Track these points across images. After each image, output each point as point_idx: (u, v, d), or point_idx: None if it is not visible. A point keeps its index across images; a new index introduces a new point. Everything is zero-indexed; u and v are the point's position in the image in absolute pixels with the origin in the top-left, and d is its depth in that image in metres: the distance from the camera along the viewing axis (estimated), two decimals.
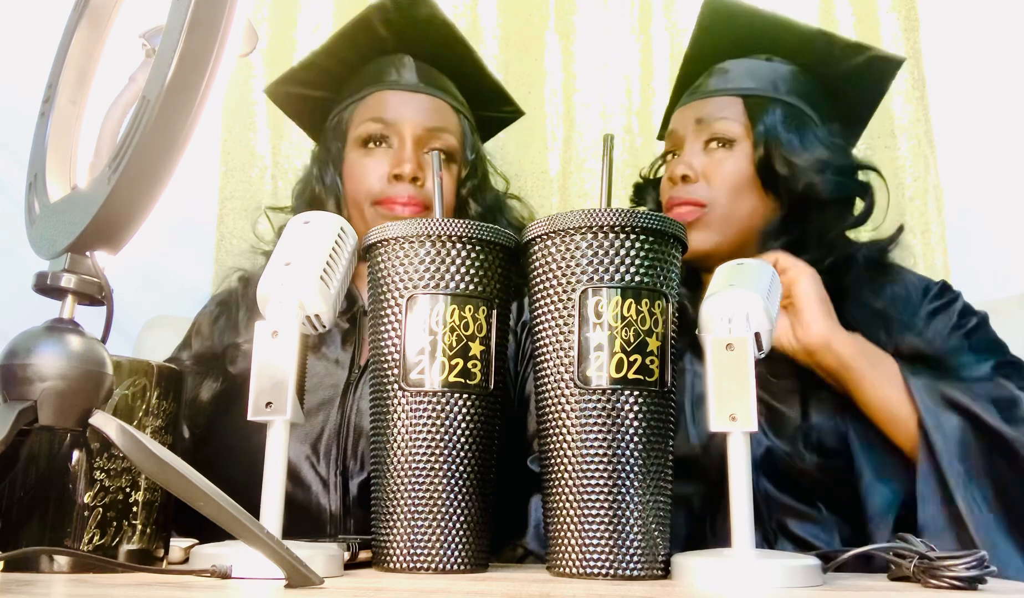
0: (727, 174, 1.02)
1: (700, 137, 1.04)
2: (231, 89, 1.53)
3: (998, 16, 1.44)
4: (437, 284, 0.67)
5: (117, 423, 0.53)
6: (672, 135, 1.08)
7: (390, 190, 1.05)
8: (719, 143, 1.03)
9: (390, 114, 1.08)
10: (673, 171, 1.04)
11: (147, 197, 0.52)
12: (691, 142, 1.04)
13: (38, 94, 0.65)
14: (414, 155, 1.06)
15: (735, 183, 1.02)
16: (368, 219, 1.06)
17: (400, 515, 0.66)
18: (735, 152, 1.03)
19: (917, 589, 0.59)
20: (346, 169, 1.10)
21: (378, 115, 1.09)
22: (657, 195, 1.11)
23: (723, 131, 1.03)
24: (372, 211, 1.06)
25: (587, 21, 1.57)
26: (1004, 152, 1.40)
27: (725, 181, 1.01)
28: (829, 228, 1.03)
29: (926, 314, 0.96)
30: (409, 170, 1.05)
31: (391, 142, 1.08)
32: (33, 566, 0.60)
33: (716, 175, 1.02)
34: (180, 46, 0.50)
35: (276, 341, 0.64)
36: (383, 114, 1.09)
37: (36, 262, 0.57)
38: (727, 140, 1.03)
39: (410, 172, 1.05)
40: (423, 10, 1.11)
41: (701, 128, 1.04)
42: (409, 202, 1.05)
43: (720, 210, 1.01)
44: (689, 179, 1.02)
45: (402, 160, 1.06)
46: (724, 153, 1.03)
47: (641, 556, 0.63)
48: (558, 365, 0.66)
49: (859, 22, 1.48)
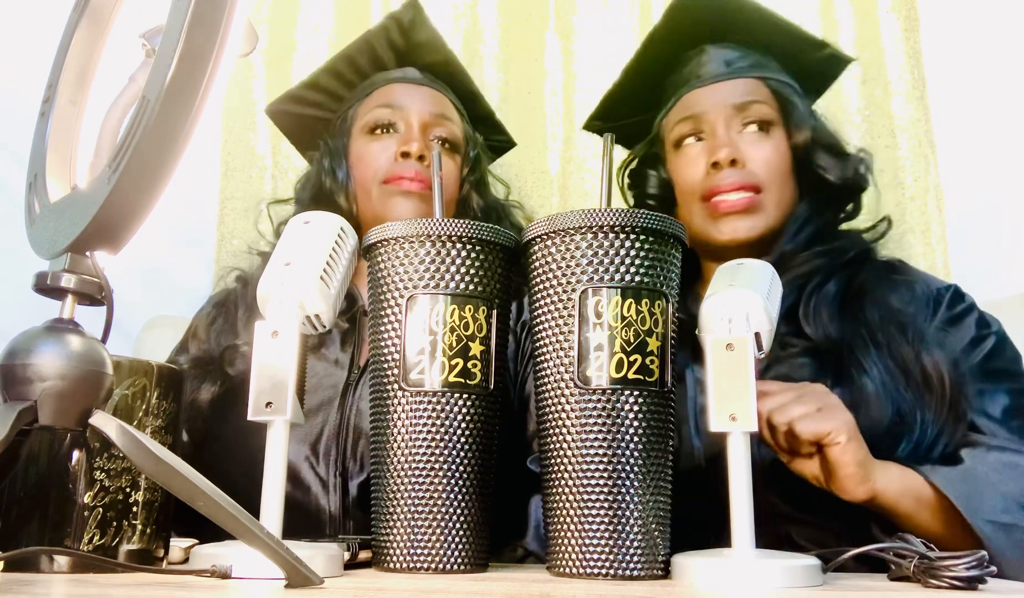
0: (774, 158, 1.00)
1: (737, 120, 1.01)
2: (231, 89, 1.53)
3: (998, 16, 1.44)
4: (437, 284, 0.67)
5: (117, 423, 0.53)
6: (694, 119, 1.03)
7: (397, 167, 1.06)
8: (759, 126, 1.01)
9: (397, 101, 1.11)
10: (717, 155, 0.98)
11: (147, 197, 0.52)
12: (727, 126, 1.00)
13: (38, 94, 0.65)
14: (421, 137, 1.09)
15: (781, 167, 1.00)
16: (375, 199, 1.07)
17: (400, 515, 0.66)
18: (773, 137, 1.01)
19: (917, 589, 0.59)
20: (353, 158, 1.11)
21: (386, 102, 1.11)
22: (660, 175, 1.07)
23: (763, 114, 1.01)
24: (380, 190, 1.07)
25: (587, 21, 1.57)
26: (1004, 152, 1.40)
27: (772, 165, 0.99)
28: (838, 218, 1.03)
29: (941, 323, 0.93)
30: (416, 148, 1.06)
31: (398, 127, 1.10)
32: (33, 566, 0.60)
33: (761, 160, 0.99)
34: (180, 46, 0.50)
35: (276, 341, 0.64)
36: (390, 100, 1.11)
37: (36, 262, 0.57)
38: (766, 123, 1.01)
39: (417, 150, 1.06)
40: (423, 33, 1.15)
41: (739, 111, 1.01)
42: (416, 177, 1.05)
43: (773, 195, 0.99)
44: (738, 163, 0.98)
45: (410, 139, 1.07)
46: (763, 137, 1.01)
47: (641, 556, 0.63)
48: (558, 365, 0.66)
49: (859, 22, 1.48)
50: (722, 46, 1.05)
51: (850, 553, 0.67)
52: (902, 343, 0.90)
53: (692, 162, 1.02)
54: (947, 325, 0.93)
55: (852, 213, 1.06)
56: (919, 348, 0.89)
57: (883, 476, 0.79)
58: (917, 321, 0.93)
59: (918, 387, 0.87)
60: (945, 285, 0.99)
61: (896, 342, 0.90)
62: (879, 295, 0.95)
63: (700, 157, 1.01)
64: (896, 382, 0.88)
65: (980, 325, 0.94)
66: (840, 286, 0.96)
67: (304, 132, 1.21)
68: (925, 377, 0.87)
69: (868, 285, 0.96)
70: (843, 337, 0.91)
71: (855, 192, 1.05)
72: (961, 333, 0.93)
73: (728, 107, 1.01)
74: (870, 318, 0.92)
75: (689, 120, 1.03)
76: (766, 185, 0.98)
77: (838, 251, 0.99)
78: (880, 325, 0.91)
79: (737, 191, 0.97)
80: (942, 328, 0.93)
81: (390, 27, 1.14)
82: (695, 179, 1.01)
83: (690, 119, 1.03)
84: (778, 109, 1.03)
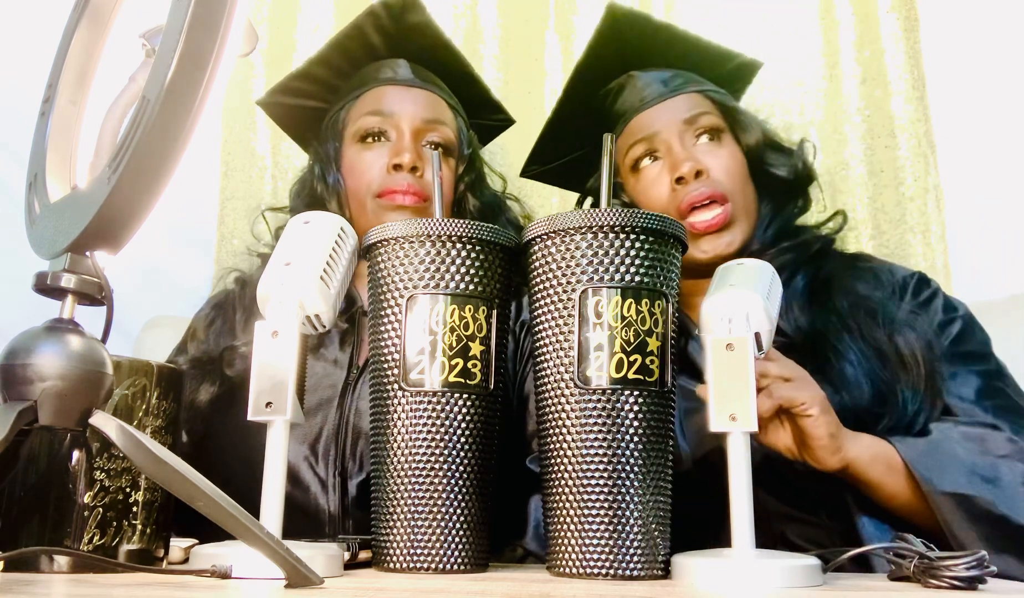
0: (731, 165, 1.02)
1: (689, 133, 1.03)
2: (231, 89, 1.53)
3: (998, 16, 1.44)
4: (437, 284, 0.67)
5: (117, 423, 0.53)
6: (647, 140, 1.04)
7: (390, 181, 1.05)
8: (711, 136, 1.03)
9: (387, 107, 1.09)
10: (681, 170, 1.00)
11: (147, 197, 0.52)
12: (681, 140, 1.02)
13: (38, 94, 0.65)
14: (413, 145, 1.07)
15: (741, 172, 1.02)
16: (370, 213, 1.06)
17: (400, 515, 0.66)
18: (725, 144, 1.03)
19: (917, 589, 0.59)
20: (345, 166, 1.10)
21: (376, 109, 1.09)
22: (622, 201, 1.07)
23: (712, 123, 1.04)
24: (374, 204, 1.06)
25: (587, 21, 1.57)
26: (1004, 152, 1.40)
27: (732, 171, 1.01)
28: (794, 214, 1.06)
29: (909, 310, 0.96)
30: (408, 159, 1.05)
31: (389, 136, 1.08)
32: (33, 566, 0.60)
33: (720, 167, 1.01)
34: (180, 46, 0.50)
35: (276, 341, 0.64)
36: (380, 107, 1.09)
37: (36, 262, 0.57)
38: (717, 130, 1.03)
39: (409, 161, 1.05)
40: (415, 17, 1.13)
41: (689, 125, 1.03)
42: (409, 190, 1.04)
43: (739, 201, 1.00)
44: (702, 174, 0.99)
45: (401, 150, 1.06)
46: (716, 145, 1.03)
47: (641, 556, 0.63)
48: (558, 365, 0.66)
49: (859, 22, 1.48)
50: (648, 71, 1.08)
51: (850, 553, 0.67)
52: (873, 327, 0.92)
53: (654, 183, 1.03)
54: (916, 309, 0.96)
55: (803, 207, 1.08)
56: (891, 330, 0.92)
57: (855, 445, 0.82)
58: (887, 306, 0.95)
59: (894, 367, 0.90)
60: (910, 272, 1.01)
61: (867, 327, 0.92)
62: (847, 284, 0.97)
63: (661, 176, 1.03)
64: (871, 364, 0.90)
65: (947, 309, 0.97)
66: (807, 279, 0.99)
67: (298, 123, 1.20)
68: (900, 357, 0.90)
69: (834, 275, 0.98)
70: (815, 327, 0.94)
71: (805, 185, 1.08)
72: (929, 317, 0.95)
73: (678, 123, 1.03)
74: (839, 306, 0.94)
75: (642, 142, 1.05)
76: (731, 193, 1.00)
77: (803, 245, 1.02)
78: (850, 312, 0.94)
79: (707, 207, 0.99)
80: (911, 312, 0.95)
81: (380, 12, 1.12)
82: (661, 198, 1.02)
83: (643, 141, 1.05)
84: (723, 117, 1.05)
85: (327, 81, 1.16)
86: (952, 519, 0.79)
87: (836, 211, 1.10)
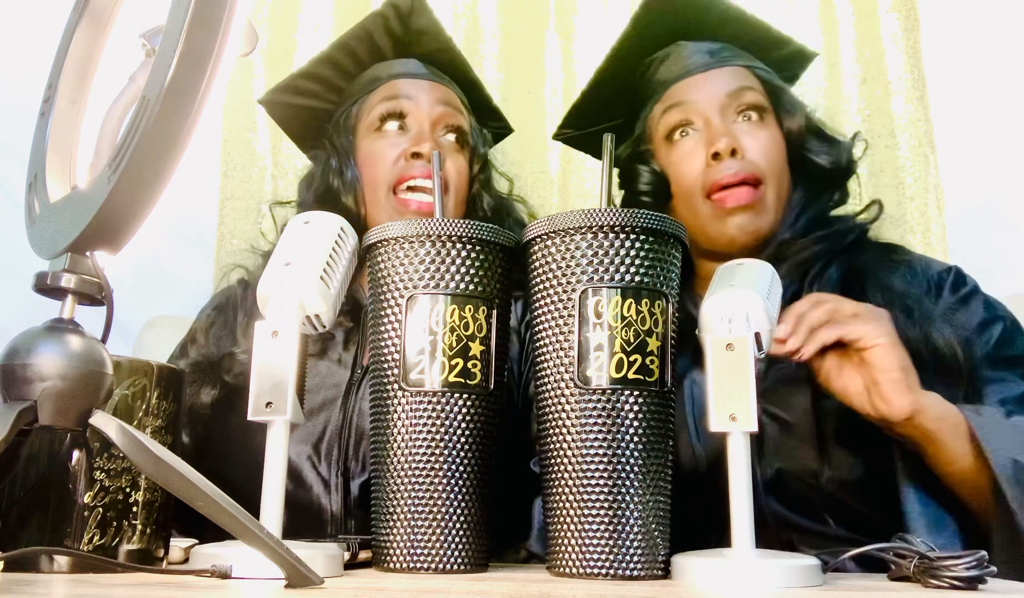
0: (770, 148, 0.97)
1: (731, 109, 0.98)
2: (231, 89, 1.53)
3: (998, 16, 1.44)
4: (437, 284, 0.67)
5: (117, 423, 0.53)
6: (683, 107, 0.99)
7: (408, 168, 1.05)
8: (756, 113, 0.98)
9: (404, 93, 1.09)
10: (717, 145, 0.95)
11: (147, 197, 0.52)
12: (722, 115, 0.98)
13: (38, 94, 0.65)
14: (431, 134, 1.07)
15: (779, 157, 0.98)
16: (382, 204, 1.05)
17: (400, 515, 0.66)
18: (767, 125, 0.99)
19: (917, 589, 0.59)
20: (361, 158, 1.09)
21: (393, 94, 1.09)
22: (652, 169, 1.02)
23: (756, 101, 0.99)
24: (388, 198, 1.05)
25: (587, 21, 1.57)
26: (1004, 152, 1.40)
27: (770, 155, 0.97)
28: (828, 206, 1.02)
29: (948, 307, 0.91)
30: (428, 148, 1.03)
31: (406, 124, 1.08)
32: (33, 566, 0.60)
33: (759, 149, 0.96)
34: (180, 46, 0.50)
35: (276, 341, 0.64)
36: (397, 93, 1.09)
37: (36, 262, 0.57)
38: (761, 109, 0.99)
39: (429, 149, 1.03)
40: (422, 20, 1.13)
41: (732, 99, 0.98)
42: (428, 175, 1.02)
43: (774, 185, 0.96)
44: (738, 153, 0.95)
45: (421, 139, 1.05)
46: (758, 126, 0.98)
47: (641, 556, 0.63)
48: (558, 365, 0.66)
49: (859, 22, 1.48)
50: (697, 41, 1.04)
51: (850, 553, 0.67)
52: (909, 327, 0.87)
53: (689, 155, 0.99)
54: (955, 305, 0.92)
55: (839, 201, 1.04)
56: (927, 329, 0.88)
57: (927, 395, 0.78)
58: (923, 303, 0.91)
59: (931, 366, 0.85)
60: (946, 267, 0.97)
61: (902, 324, 0.87)
62: (881, 277, 0.93)
63: (697, 149, 0.98)
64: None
65: (988, 308, 0.93)
66: (841, 271, 0.95)
67: (300, 123, 1.19)
68: (938, 356, 0.86)
69: (869, 268, 0.94)
70: None
71: (845, 178, 1.04)
72: (969, 315, 0.91)
73: (721, 95, 0.99)
74: (873, 301, 0.89)
75: (678, 108, 1.00)
76: (766, 177, 0.96)
77: (837, 235, 0.98)
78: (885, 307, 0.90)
79: (740, 185, 0.95)
80: (951, 309, 0.91)
81: (388, 15, 1.12)
82: (694, 172, 0.98)
83: (679, 107, 1.00)
84: (768, 96, 1.01)
85: (332, 81, 1.15)
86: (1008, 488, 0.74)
87: (872, 200, 1.04)
